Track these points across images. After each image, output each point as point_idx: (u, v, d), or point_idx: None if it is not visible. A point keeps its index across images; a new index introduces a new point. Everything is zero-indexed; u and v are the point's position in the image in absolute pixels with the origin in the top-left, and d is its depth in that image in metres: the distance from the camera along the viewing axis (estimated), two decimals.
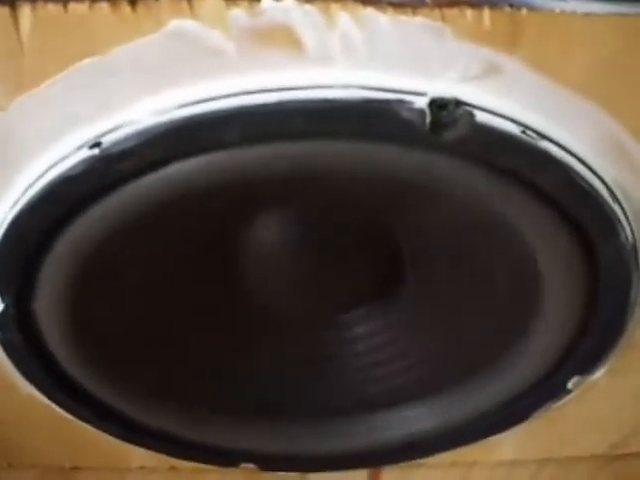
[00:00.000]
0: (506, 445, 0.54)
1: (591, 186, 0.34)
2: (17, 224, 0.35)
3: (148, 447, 0.50)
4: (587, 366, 0.44)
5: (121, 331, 0.42)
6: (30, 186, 0.34)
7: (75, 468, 0.55)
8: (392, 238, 0.42)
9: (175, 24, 0.29)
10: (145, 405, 0.46)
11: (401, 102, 0.31)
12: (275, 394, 0.48)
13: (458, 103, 0.31)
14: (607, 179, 0.35)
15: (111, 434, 0.48)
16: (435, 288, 0.44)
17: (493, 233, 0.38)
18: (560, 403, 0.48)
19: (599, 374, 0.46)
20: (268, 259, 0.42)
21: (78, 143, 0.32)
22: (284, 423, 0.49)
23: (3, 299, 0.38)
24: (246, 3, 0.29)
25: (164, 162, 0.32)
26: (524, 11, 0.29)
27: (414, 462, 0.52)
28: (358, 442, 0.49)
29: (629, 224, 0.37)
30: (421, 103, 0.31)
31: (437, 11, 0.29)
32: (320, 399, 0.48)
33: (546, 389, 0.46)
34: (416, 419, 0.48)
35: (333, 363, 0.47)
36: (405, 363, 0.47)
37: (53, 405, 0.46)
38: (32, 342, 0.41)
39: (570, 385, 0.45)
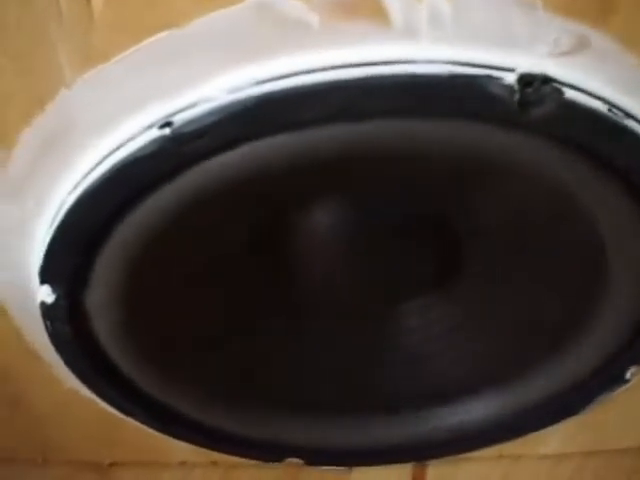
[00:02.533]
0: (552, 438, 0.53)
1: None
2: (77, 209, 0.33)
3: (193, 442, 0.48)
4: None
5: (171, 329, 0.41)
6: (92, 169, 0.32)
7: (112, 464, 0.54)
8: (454, 226, 0.41)
9: None
10: (193, 399, 0.45)
11: (489, 77, 0.29)
12: (324, 387, 0.46)
13: (546, 79, 0.30)
14: None
15: (156, 429, 0.47)
16: (495, 277, 0.43)
17: (564, 218, 0.37)
18: (615, 394, 0.47)
19: None
20: (326, 247, 0.41)
21: (147, 123, 0.31)
22: (332, 417, 0.48)
23: (54, 290, 0.37)
24: None
25: (239, 141, 0.30)
26: None
27: (460, 456, 0.51)
28: (406, 435, 0.48)
29: None
30: (510, 79, 0.29)
31: None
32: (370, 392, 0.47)
33: (605, 379, 0.45)
34: (467, 412, 0.47)
35: (384, 355, 0.46)
36: (458, 356, 0.46)
37: (95, 399, 0.45)
38: (82, 335, 0.39)
39: (628, 375, 0.44)
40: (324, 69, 0.29)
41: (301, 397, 0.46)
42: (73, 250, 0.35)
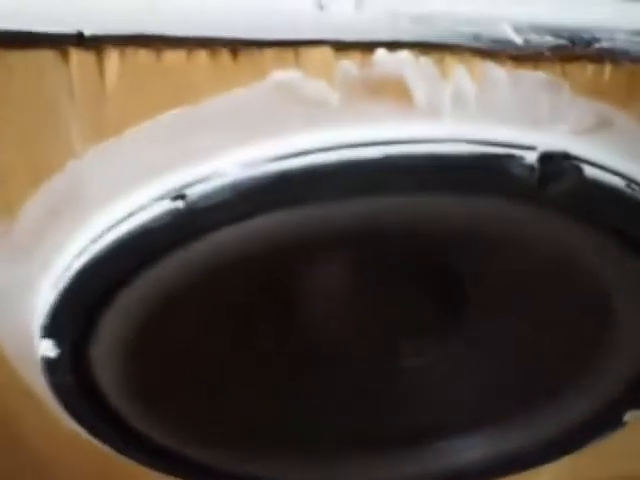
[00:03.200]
0: (544, 474, 0.53)
1: None
2: (84, 275, 0.32)
3: None
4: None
5: (175, 378, 0.41)
6: (100, 236, 0.31)
7: None
8: (460, 275, 0.41)
9: (278, 75, 0.27)
10: (195, 445, 0.45)
11: (511, 157, 0.29)
12: (324, 428, 0.46)
13: (566, 156, 0.30)
14: None
15: (162, 472, 0.47)
16: (497, 323, 0.43)
17: (575, 284, 0.37)
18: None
19: None
20: (331, 294, 0.40)
21: (159, 194, 0.30)
22: (335, 455, 0.48)
23: (58, 345, 0.36)
24: (358, 54, 0.27)
25: (249, 216, 0.30)
26: None
27: None
28: (407, 473, 0.48)
29: None
30: (531, 158, 0.29)
31: (558, 66, 0.27)
32: (371, 431, 0.47)
33: (602, 422, 0.45)
34: (467, 449, 0.47)
35: (387, 395, 0.46)
36: (461, 394, 0.46)
37: (94, 441, 0.44)
38: (84, 385, 0.39)
39: (626, 418, 0.45)
40: (342, 147, 0.28)
41: (300, 438, 0.46)
42: (77, 313, 0.34)
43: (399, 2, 0.27)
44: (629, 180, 0.31)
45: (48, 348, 0.36)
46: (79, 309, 0.34)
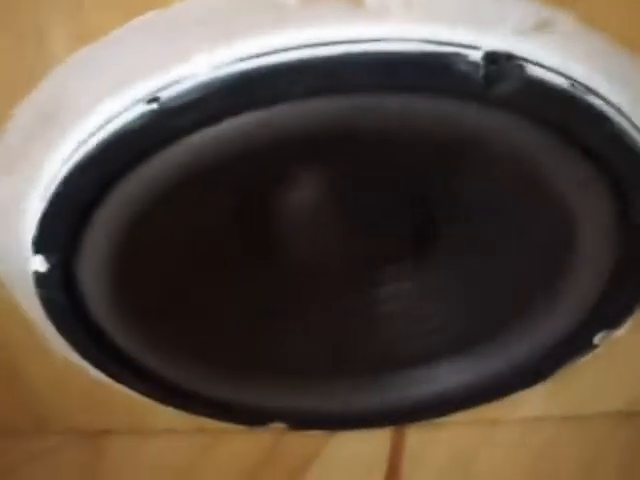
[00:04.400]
0: (528, 402, 0.55)
1: (634, 142, 0.35)
2: (70, 180, 0.35)
3: (179, 407, 0.50)
4: (615, 321, 0.45)
5: (159, 296, 0.43)
6: (84, 141, 0.34)
7: (104, 432, 0.56)
8: (429, 196, 0.43)
9: None
10: (178, 365, 0.47)
11: (457, 55, 0.31)
12: (305, 352, 0.48)
13: (510, 57, 0.32)
14: None
15: (143, 394, 0.49)
16: (468, 244, 0.45)
17: (532, 188, 0.39)
18: (584, 360, 0.49)
19: (623, 331, 0.48)
20: (303, 215, 0.43)
21: (135, 98, 0.33)
22: (313, 381, 0.50)
23: (48, 259, 0.39)
24: None
25: (222, 116, 0.32)
26: None
27: (438, 421, 0.54)
28: (387, 399, 0.50)
29: None
30: (476, 56, 0.31)
31: None
32: (350, 357, 0.49)
33: (573, 345, 0.47)
34: (446, 376, 0.49)
35: (364, 321, 0.48)
36: (436, 321, 0.48)
37: (88, 367, 0.47)
38: (74, 302, 0.41)
39: (596, 340, 0.47)
40: (301, 47, 0.31)
41: (282, 362, 0.48)
42: (65, 221, 0.37)
43: None
44: (573, 80, 0.33)
45: (39, 263, 0.39)
46: (65, 217, 0.36)
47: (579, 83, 0.33)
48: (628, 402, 0.56)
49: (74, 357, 0.46)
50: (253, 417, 0.52)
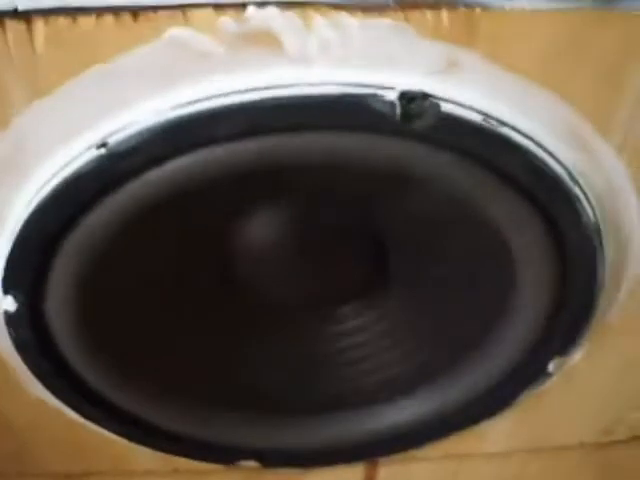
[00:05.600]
0: (496, 436, 0.56)
1: (551, 169, 0.38)
2: (31, 224, 0.38)
3: (152, 446, 0.52)
4: (564, 347, 0.47)
5: (125, 331, 0.45)
6: (42, 187, 0.37)
7: (84, 474, 0.57)
8: (375, 232, 0.45)
9: (171, 32, 0.33)
10: (149, 404, 0.49)
11: (374, 96, 0.34)
12: (272, 390, 0.50)
13: (425, 96, 0.35)
14: (567, 163, 0.39)
15: (117, 433, 0.51)
16: (418, 280, 0.47)
17: (466, 220, 0.41)
18: (544, 388, 0.50)
19: (578, 357, 0.49)
20: (259, 255, 0.45)
21: (86, 144, 0.36)
22: (282, 419, 0.51)
23: (16, 298, 0.41)
24: (233, 11, 0.33)
25: (164, 158, 0.35)
26: (478, 10, 0.33)
27: (408, 455, 0.55)
28: (354, 434, 0.52)
29: (591, 206, 0.40)
30: (391, 96, 0.34)
31: (400, 13, 0.33)
32: (316, 393, 0.51)
33: (528, 373, 0.49)
34: (407, 409, 0.51)
35: (327, 358, 0.50)
36: (392, 356, 0.50)
37: (62, 408, 0.49)
38: (43, 341, 0.43)
39: (551, 368, 0.48)
40: (231, 93, 0.34)
41: (253, 399, 0.50)
42: (30, 262, 0.40)
43: None
44: (485, 115, 0.36)
45: (8, 303, 0.41)
46: (30, 259, 0.39)
47: (491, 117, 0.36)
48: (597, 433, 0.57)
49: (49, 398, 0.48)
50: (226, 456, 0.53)
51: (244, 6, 0.33)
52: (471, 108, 0.36)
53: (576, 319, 0.45)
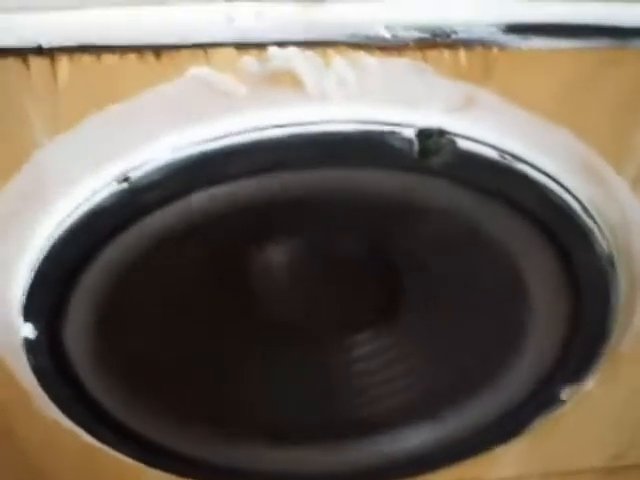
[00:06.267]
0: (508, 461, 0.56)
1: (566, 203, 0.38)
2: (51, 255, 0.39)
3: (166, 470, 0.52)
4: (577, 375, 0.47)
5: (142, 358, 0.46)
6: (64, 220, 0.38)
7: None
8: (390, 262, 0.46)
9: (193, 71, 0.34)
10: (165, 429, 0.49)
11: (392, 133, 0.35)
12: (287, 417, 0.51)
13: (442, 132, 0.35)
14: (581, 197, 0.39)
15: (132, 457, 0.51)
16: (432, 309, 0.48)
17: (481, 251, 0.41)
18: (556, 414, 0.51)
19: (591, 384, 0.49)
20: (274, 285, 0.46)
21: (108, 178, 0.36)
22: (296, 444, 0.51)
23: (36, 326, 0.42)
24: (255, 51, 0.33)
25: (184, 193, 0.36)
26: (495, 50, 0.34)
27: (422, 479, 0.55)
28: (368, 458, 0.52)
29: (604, 237, 0.41)
30: (409, 133, 0.35)
31: (419, 52, 0.34)
32: (330, 419, 0.51)
33: (541, 400, 0.49)
34: (418, 436, 0.51)
35: (341, 383, 0.51)
36: (406, 382, 0.50)
37: (77, 430, 0.49)
38: (61, 367, 0.44)
39: (563, 396, 0.48)
40: (251, 130, 0.35)
41: (268, 426, 0.50)
42: (50, 292, 0.40)
43: (290, 12, 0.33)
44: (502, 151, 0.36)
45: (28, 330, 0.42)
46: (50, 289, 0.40)
47: (507, 153, 0.36)
48: (608, 458, 0.57)
49: (65, 421, 0.49)
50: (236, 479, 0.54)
51: (264, 46, 0.33)
52: (487, 144, 0.36)
53: (589, 348, 0.45)
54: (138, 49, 0.33)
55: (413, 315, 0.49)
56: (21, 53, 0.33)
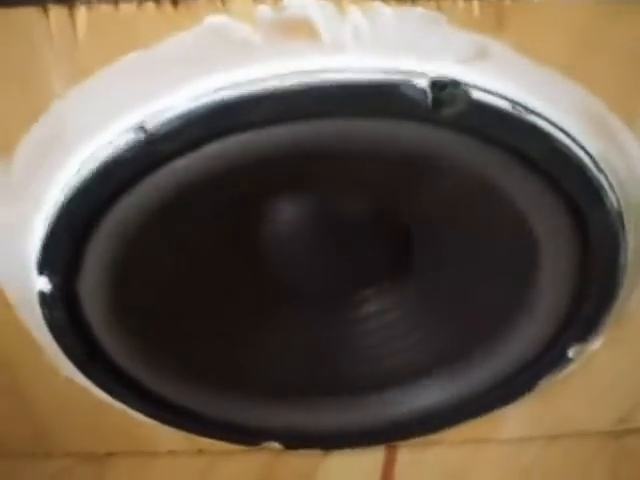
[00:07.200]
0: (515, 422, 0.57)
1: (576, 157, 0.39)
2: (67, 206, 0.39)
3: (178, 427, 0.53)
4: (585, 334, 0.48)
5: (156, 315, 0.46)
6: (80, 170, 0.38)
7: (108, 454, 0.58)
8: (400, 217, 0.46)
9: (210, 19, 0.34)
10: (177, 386, 0.50)
11: (406, 83, 0.35)
12: (295, 373, 0.51)
13: (455, 83, 0.36)
14: (592, 151, 0.39)
15: (144, 413, 0.52)
16: (440, 265, 0.48)
17: (491, 205, 0.42)
18: (563, 375, 0.51)
19: (598, 343, 0.50)
20: (286, 239, 0.46)
21: (125, 127, 0.37)
22: (305, 401, 0.52)
23: (51, 279, 0.42)
24: (271, 0, 0.34)
25: (202, 142, 0.36)
26: (507, 1, 0.34)
27: (427, 439, 0.56)
28: (374, 417, 0.53)
29: (614, 193, 0.41)
30: (423, 84, 0.35)
31: (433, 2, 0.34)
32: (337, 377, 0.52)
33: (548, 359, 0.49)
34: (428, 393, 0.52)
35: (346, 342, 0.51)
36: (415, 339, 0.51)
37: (90, 387, 0.50)
38: (76, 322, 0.45)
39: (571, 354, 0.49)
40: (267, 79, 0.35)
41: (276, 382, 0.51)
42: (66, 244, 0.41)
43: None
44: (514, 102, 0.37)
45: (43, 283, 0.43)
46: (65, 241, 0.40)
47: (519, 104, 0.37)
48: (614, 421, 0.58)
49: (78, 377, 0.49)
50: (249, 437, 0.54)
51: None
52: (500, 96, 0.37)
53: (597, 306, 0.46)
54: None
55: (420, 272, 0.49)
56: (41, 1, 0.34)
